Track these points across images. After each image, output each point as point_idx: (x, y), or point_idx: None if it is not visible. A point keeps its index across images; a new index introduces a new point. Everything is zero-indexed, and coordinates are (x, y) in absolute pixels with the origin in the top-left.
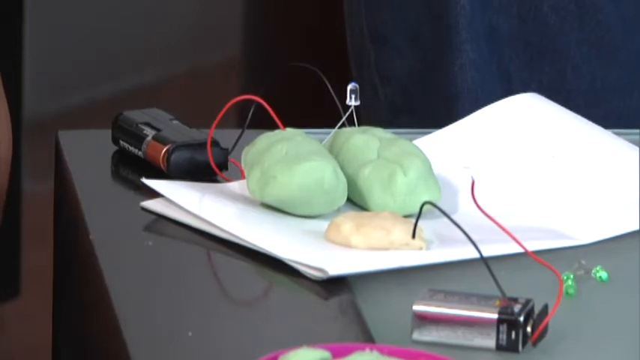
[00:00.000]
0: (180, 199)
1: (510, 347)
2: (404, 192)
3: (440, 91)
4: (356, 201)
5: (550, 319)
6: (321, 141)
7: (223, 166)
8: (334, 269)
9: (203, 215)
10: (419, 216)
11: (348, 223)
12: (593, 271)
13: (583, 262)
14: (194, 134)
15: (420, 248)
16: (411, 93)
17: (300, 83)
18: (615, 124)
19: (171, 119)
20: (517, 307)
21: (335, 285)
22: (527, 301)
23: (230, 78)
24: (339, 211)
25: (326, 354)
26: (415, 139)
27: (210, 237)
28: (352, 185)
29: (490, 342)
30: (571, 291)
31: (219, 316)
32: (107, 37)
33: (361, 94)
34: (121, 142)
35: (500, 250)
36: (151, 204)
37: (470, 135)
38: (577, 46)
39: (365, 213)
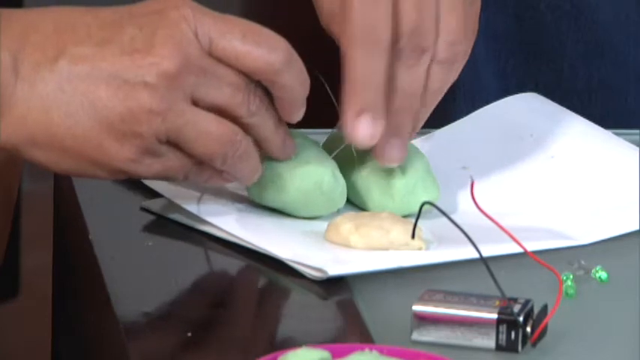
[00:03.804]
0: (180, 199)
1: (510, 347)
2: (403, 192)
3: None
4: (355, 201)
5: (549, 320)
6: (319, 141)
7: None
8: (334, 269)
9: (203, 215)
10: (418, 216)
11: (348, 223)
12: (592, 271)
13: (583, 262)
14: None
15: (420, 248)
16: None
17: None
18: (612, 124)
19: None
20: (516, 308)
21: (334, 285)
22: (527, 302)
23: None
24: (338, 211)
25: (326, 354)
26: (414, 139)
27: (210, 237)
28: (351, 186)
29: (489, 342)
30: (571, 291)
31: (219, 316)
32: None
33: None
34: None
35: (500, 250)
36: (150, 204)
37: (469, 135)
38: (573, 45)
39: (364, 213)
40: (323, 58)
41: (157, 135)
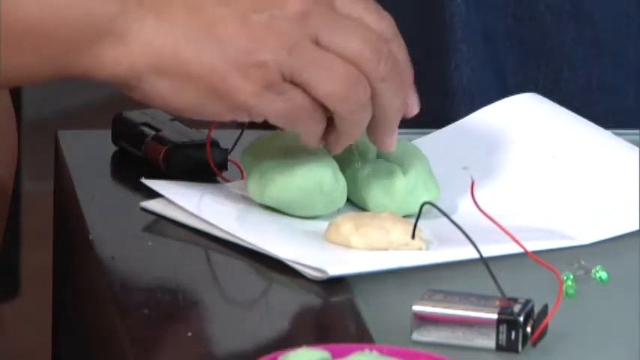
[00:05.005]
0: (180, 199)
1: (510, 347)
2: (403, 192)
3: (435, 90)
4: (355, 201)
5: (550, 320)
6: None
7: (223, 166)
8: (334, 269)
9: (203, 215)
10: (418, 216)
11: (348, 223)
12: (592, 271)
13: (583, 262)
14: (194, 134)
15: (420, 248)
16: None
17: None
18: (611, 124)
19: (171, 119)
20: (517, 308)
21: (335, 285)
22: (527, 302)
23: None
24: (338, 211)
25: (326, 354)
26: (414, 139)
27: (210, 237)
28: (351, 185)
29: (490, 342)
30: (571, 291)
31: (219, 316)
32: None
33: None
34: (121, 142)
35: (500, 250)
36: (150, 204)
37: (469, 135)
38: (573, 46)
39: (364, 213)
40: None
41: (281, 69)
